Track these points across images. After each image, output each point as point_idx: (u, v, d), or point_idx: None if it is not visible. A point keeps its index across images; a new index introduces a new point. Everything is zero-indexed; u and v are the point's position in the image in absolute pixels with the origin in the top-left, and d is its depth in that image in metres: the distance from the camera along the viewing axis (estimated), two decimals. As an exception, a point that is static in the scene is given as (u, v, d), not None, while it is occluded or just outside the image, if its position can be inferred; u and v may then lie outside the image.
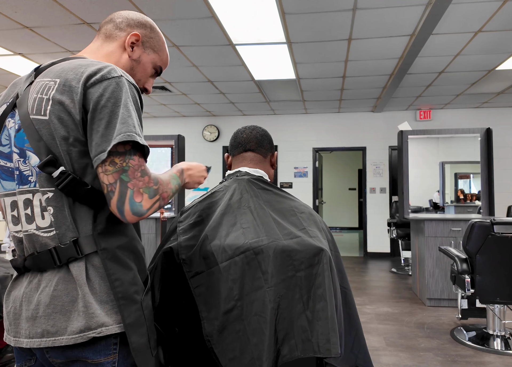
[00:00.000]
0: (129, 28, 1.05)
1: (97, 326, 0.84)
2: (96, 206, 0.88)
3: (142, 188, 0.84)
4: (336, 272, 1.20)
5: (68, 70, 0.89)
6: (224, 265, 1.13)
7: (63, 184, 0.85)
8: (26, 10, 3.39)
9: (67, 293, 0.85)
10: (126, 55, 1.05)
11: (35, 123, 0.87)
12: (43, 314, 0.85)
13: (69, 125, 0.85)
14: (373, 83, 5.56)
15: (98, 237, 0.87)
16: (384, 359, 2.89)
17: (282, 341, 1.09)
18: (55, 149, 0.86)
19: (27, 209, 0.90)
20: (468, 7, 3.34)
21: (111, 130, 0.83)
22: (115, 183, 0.82)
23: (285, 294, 1.12)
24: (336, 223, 11.33)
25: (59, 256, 0.86)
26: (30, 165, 0.89)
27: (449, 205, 5.10)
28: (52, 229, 0.88)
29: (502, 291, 2.96)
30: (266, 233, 1.18)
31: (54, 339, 0.83)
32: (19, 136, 0.90)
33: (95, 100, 0.84)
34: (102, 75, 0.86)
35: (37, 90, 0.90)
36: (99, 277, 0.87)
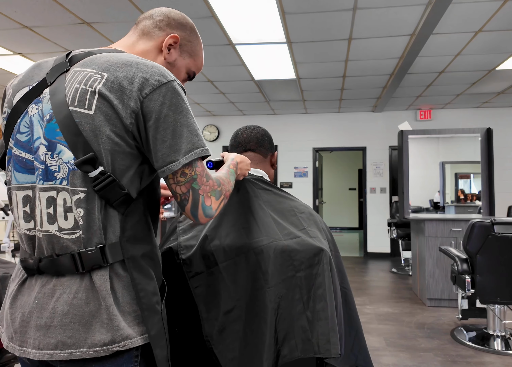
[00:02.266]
0: (168, 28, 1.00)
1: (121, 339, 0.78)
2: (126, 211, 0.84)
3: (209, 192, 0.86)
4: (336, 272, 1.20)
5: (117, 65, 0.83)
6: (224, 265, 1.13)
7: (101, 185, 0.79)
8: (26, 9, 3.38)
9: (88, 303, 0.79)
10: (161, 57, 1.00)
11: (76, 115, 0.80)
12: (59, 323, 0.78)
13: (116, 124, 0.80)
14: (373, 83, 5.55)
15: (125, 245, 0.83)
16: (384, 359, 2.88)
17: (282, 341, 1.09)
18: (95, 146, 0.80)
19: (49, 208, 0.82)
20: (468, 7, 3.34)
21: (178, 140, 0.81)
22: (188, 192, 0.83)
23: (285, 294, 1.11)
24: (336, 223, 11.33)
25: (82, 263, 0.80)
26: (59, 160, 0.82)
27: (450, 205, 5.10)
28: (75, 231, 0.81)
29: (502, 291, 2.96)
30: (266, 233, 1.17)
31: (70, 351, 0.77)
32: (50, 127, 0.82)
33: (157, 109, 0.80)
34: (158, 80, 0.82)
35: (79, 80, 0.83)
36: (122, 287, 0.82)
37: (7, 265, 2.12)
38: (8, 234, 3.80)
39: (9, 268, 2.08)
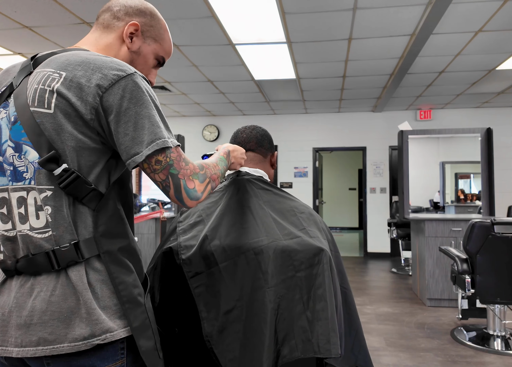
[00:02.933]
0: (127, 17, 0.98)
1: (102, 332, 0.80)
2: (97, 207, 0.85)
3: (191, 175, 0.87)
4: (336, 272, 1.20)
5: (75, 64, 0.84)
6: (224, 265, 1.13)
7: (66, 182, 0.81)
8: (26, 9, 3.38)
9: (65, 299, 0.80)
10: (125, 47, 0.99)
11: (36, 116, 0.81)
12: (39, 321, 0.79)
13: (77, 122, 0.81)
14: (373, 83, 5.55)
15: (100, 240, 0.84)
16: (384, 359, 2.88)
17: (282, 342, 1.09)
18: (58, 145, 0.81)
19: (20, 208, 0.84)
20: (468, 7, 3.34)
21: (140, 132, 0.82)
22: (167, 178, 0.84)
23: (285, 294, 1.11)
24: (336, 223, 11.33)
25: (57, 260, 0.81)
26: (26, 161, 0.83)
27: (450, 205, 5.10)
28: (47, 230, 0.82)
29: (502, 291, 2.96)
30: (266, 233, 1.17)
31: (52, 347, 0.78)
32: (15, 129, 0.84)
33: (117, 103, 0.81)
34: (116, 74, 0.82)
35: (38, 80, 0.84)
36: (100, 282, 0.83)
37: None
38: None
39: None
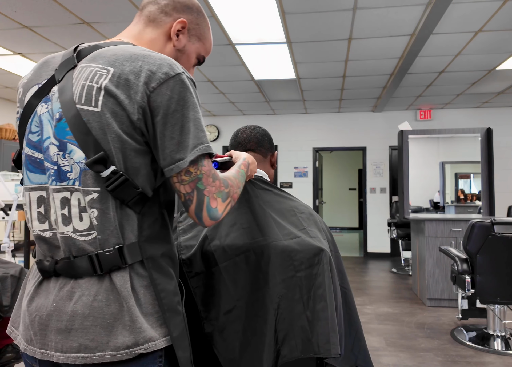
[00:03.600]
0: (175, 12, 0.94)
1: (144, 341, 0.76)
2: (142, 210, 0.81)
3: (215, 193, 0.82)
4: (336, 272, 1.20)
5: (123, 59, 0.79)
6: (224, 266, 1.13)
7: (114, 185, 0.77)
8: (26, 9, 3.38)
9: (108, 305, 0.76)
10: (170, 45, 0.94)
11: (83, 114, 0.77)
12: (80, 326, 0.76)
13: (124, 121, 0.77)
14: (373, 83, 5.55)
15: (144, 245, 0.80)
16: (384, 359, 2.88)
17: (282, 342, 1.09)
18: (105, 145, 0.77)
19: (64, 209, 0.80)
20: (468, 7, 3.34)
21: (186, 137, 0.78)
22: (192, 192, 0.80)
23: (285, 294, 1.11)
24: (336, 223, 11.33)
25: (100, 264, 0.78)
26: (71, 161, 0.79)
27: (450, 205, 5.10)
28: (91, 233, 0.79)
29: (502, 291, 2.96)
30: (266, 233, 1.17)
31: (93, 355, 0.75)
32: (60, 127, 0.79)
33: (165, 104, 0.77)
34: (165, 73, 0.78)
35: (85, 76, 0.79)
36: (143, 287, 0.79)
37: (7, 265, 2.12)
38: (8, 234, 3.80)
39: (9, 268, 2.08)
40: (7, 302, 1.96)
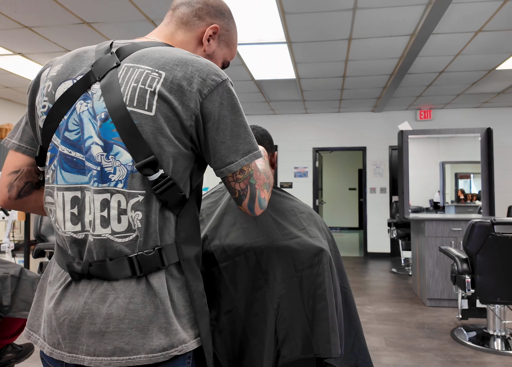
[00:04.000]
0: (208, 17, 0.94)
1: (179, 343, 0.76)
2: (180, 212, 0.82)
3: (262, 185, 0.88)
4: (336, 272, 1.20)
5: (172, 63, 0.79)
6: (224, 265, 1.13)
7: (162, 188, 0.77)
8: (26, 9, 3.38)
9: (144, 307, 0.76)
10: (201, 49, 0.95)
11: (135, 116, 0.76)
12: (115, 329, 0.75)
13: (175, 126, 0.78)
14: (373, 83, 5.55)
15: (180, 246, 0.81)
16: (384, 359, 2.88)
17: (282, 342, 1.09)
18: (154, 149, 0.77)
19: (103, 211, 0.78)
20: (468, 7, 3.34)
21: (236, 141, 0.81)
22: (246, 188, 0.84)
23: (285, 294, 1.11)
24: (336, 223, 11.33)
25: (140, 266, 0.77)
26: (115, 162, 0.78)
27: (450, 205, 5.10)
28: (128, 235, 0.78)
29: (502, 291, 2.96)
30: (266, 233, 1.17)
31: (128, 358, 0.74)
32: (105, 127, 0.78)
33: (216, 110, 0.79)
34: (214, 80, 0.79)
35: (136, 78, 0.78)
36: (176, 289, 0.80)
37: (7, 265, 2.12)
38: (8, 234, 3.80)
39: (9, 268, 2.08)
40: (7, 302, 1.96)
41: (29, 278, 2.11)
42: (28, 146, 0.91)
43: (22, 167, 0.91)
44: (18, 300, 2.02)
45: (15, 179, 0.91)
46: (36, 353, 2.78)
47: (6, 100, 6.50)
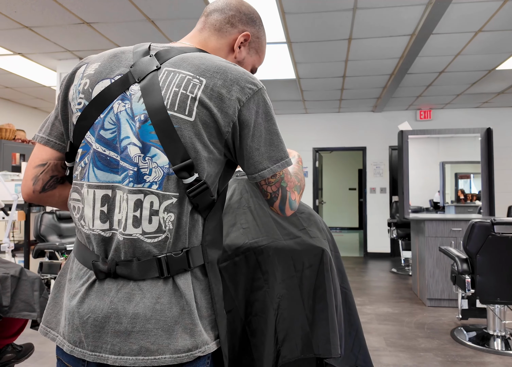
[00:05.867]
0: (240, 25, 0.96)
1: (202, 344, 0.78)
2: (208, 215, 0.84)
3: (293, 187, 0.90)
4: (336, 272, 1.20)
5: (213, 70, 0.81)
6: (224, 265, 1.13)
7: (196, 192, 0.79)
8: (26, 9, 3.38)
9: (170, 308, 0.77)
10: (232, 56, 0.97)
11: (175, 121, 0.78)
12: (142, 329, 0.76)
13: (212, 133, 0.80)
14: (373, 83, 5.55)
15: (206, 249, 0.83)
16: (384, 359, 2.88)
17: (282, 342, 1.09)
18: (192, 153, 0.79)
19: (136, 211, 0.79)
20: (468, 7, 3.34)
21: (269, 148, 0.84)
22: (277, 190, 0.87)
23: (285, 294, 1.11)
24: (336, 223, 11.33)
25: (168, 267, 0.78)
26: (152, 164, 0.79)
27: (450, 205, 5.10)
28: (158, 235, 0.79)
29: (502, 291, 2.96)
30: (266, 233, 1.17)
31: (153, 358, 0.75)
32: (144, 129, 0.79)
33: (253, 118, 0.82)
34: (251, 88, 0.82)
35: (177, 83, 0.80)
36: (200, 291, 0.82)
37: (7, 265, 2.12)
38: (8, 234, 3.80)
39: (9, 268, 2.08)
40: (7, 302, 1.96)
41: (29, 278, 2.11)
42: (57, 140, 0.91)
43: (49, 160, 0.91)
44: (18, 300, 2.02)
45: (41, 172, 0.91)
46: (36, 353, 2.78)
47: (6, 100, 6.50)
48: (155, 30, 3.82)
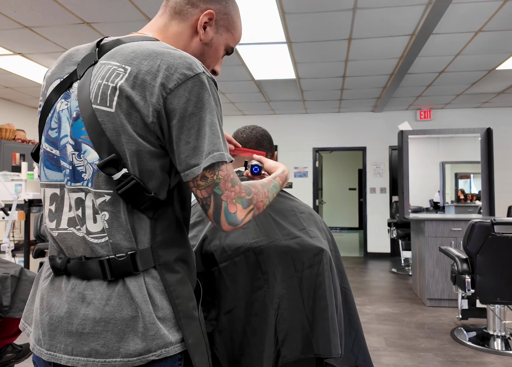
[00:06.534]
0: (202, 3, 0.88)
1: (157, 348, 0.74)
2: (154, 215, 0.78)
3: (235, 198, 0.78)
4: (336, 272, 1.20)
5: (141, 57, 0.75)
6: (223, 266, 1.13)
7: (124, 189, 0.74)
8: (26, 9, 3.38)
9: (120, 310, 0.74)
10: (197, 38, 0.89)
11: (98, 114, 0.74)
12: (91, 331, 0.74)
13: (137, 123, 0.74)
14: (373, 83, 5.55)
15: (156, 251, 0.78)
16: (384, 359, 2.88)
17: (282, 342, 1.09)
18: (119, 147, 0.74)
19: (78, 210, 0.77)
20: (468, 7, 3.34)
21: (202, 142, 0.74)
22: (209, 197, 0.76)
23: (285, 294, 1.11)
24: (336, 223, 11.33)
25: (112, 270, 0.75)
26: (85, 161, 0.76)
27: (450, 205, 5.10)
28: (103, 235, 0.76)
29: (502, 291, 2.96)
30: (266, 233, 1.17)
31: (104, 360, 0.73)
32: (76, 126, 0.77)
33: (182, 106, 0.73)
34: (184, 73, 0.74)
35: (102, 75, 0.76)
36: (159, 292, 0.77)
37: (7, 265, 2.12)
38: (8, 234, 3.80)
39: (9, 268, 2.08)
40: (7, 302, 1.96)
41: (29, 278, 2.11)
42: None
43: None
44: (18, 300, 2.02)
45: None
46: (36, 353, 2.77)
47: (6, 100, 6.50)
48: (155, 30, 3.82)
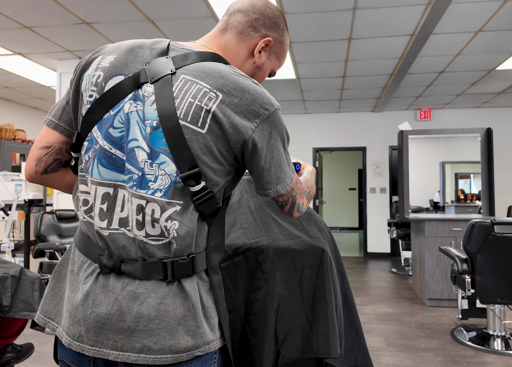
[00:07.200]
0: (263, 29, 0.93)
1: (203, 344, 0.79)
2: (213, 221, 0.85)
3: (302, 193, 0.95)
4: (336, 272, 1.20)
5: (230, 86, 0.80)
6: (224, 266, 1.13)
7: (202, 200, 0.80)
8: (26, 9, 3.38)
9: (174, 309, 0.78)
10: (251, 60, 0.95)
11: (186, 131, 0.78)
12: (145, 328, 0.77)
13: (224, 147, 0.80)
14: (373, 83, 5.55)
15: (209, 254, 0.85)
16: (384, 359, 2.88)
17: (282, 342, 1.09)
18: (200, 163, 0.79)
19: (138, 215, 0.80)
20: (468, 7, 3.34)
21: (277, 169, 0.86)
22: (288, 200, 0.92)
23: (285, 294, 1.11)
24: (336, 223, 11.33)
25: (173, 272, 0.79)
26: (159, 171, 0.79)
27: (450, 205, 5.09)
28: (162, 239, 0.80)
29: (502, 291, 2.96)
30: (266, 233, 1.17)
31: (155, 357, 0.76)
32: (155, 135, 0.79)
33: (266, 139, 0.82)
34: (267, 109, 0.82)
35: (193, 94, 0.79)
36: (206, 292, 0.83)
37: (7, 265, 2.12)
38: (8, 234, 3.80)
39: (9, 268, 2.09)
40: (7, 302, 1.96)
41: (29, 278, 2.11)
42: (67, 126, 0.90)
43: (54, 143, 0.90)
44: (18, 300, 2.02)
45: (44, 154, 0.90)
46: (36, 353, 2.78)
47: (6, 100, 6.50)
48: (155, 30, 3.82)
